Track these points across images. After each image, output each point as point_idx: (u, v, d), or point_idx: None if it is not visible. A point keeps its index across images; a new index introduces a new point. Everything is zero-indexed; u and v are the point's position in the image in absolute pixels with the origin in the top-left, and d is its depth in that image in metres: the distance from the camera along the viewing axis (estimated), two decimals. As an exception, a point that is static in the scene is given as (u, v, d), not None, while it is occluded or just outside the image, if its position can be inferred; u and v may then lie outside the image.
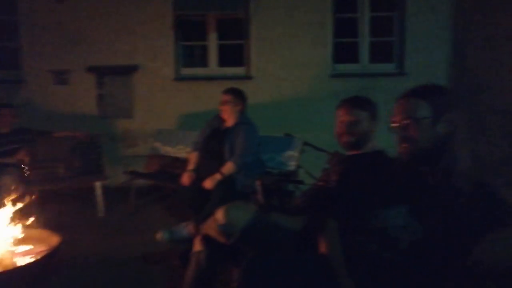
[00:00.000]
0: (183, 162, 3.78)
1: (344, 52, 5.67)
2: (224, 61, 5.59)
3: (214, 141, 3.40)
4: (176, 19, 5.33)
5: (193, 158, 3.48)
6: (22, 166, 3.65)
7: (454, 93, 1.58)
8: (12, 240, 2.18)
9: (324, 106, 5.49)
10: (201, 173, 3.31)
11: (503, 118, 4.46)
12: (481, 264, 1.33)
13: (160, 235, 3.12)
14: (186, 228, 3.09)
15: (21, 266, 2.02)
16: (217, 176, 3.15)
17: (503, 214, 1.35)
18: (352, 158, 1.98)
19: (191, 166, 3.43)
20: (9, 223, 2.22)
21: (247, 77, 5.43)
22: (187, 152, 3.95)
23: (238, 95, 3.55)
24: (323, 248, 1.54)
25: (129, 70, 5.32)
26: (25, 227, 2.28)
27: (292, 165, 3.60)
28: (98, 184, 4.08)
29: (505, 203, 1.37)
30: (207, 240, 1.84)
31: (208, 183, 3.14)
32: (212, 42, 5.49)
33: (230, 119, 3.47)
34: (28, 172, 3.67)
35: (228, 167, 3.20)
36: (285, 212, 1.92)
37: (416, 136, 1.44)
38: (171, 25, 5.30)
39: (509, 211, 1.35)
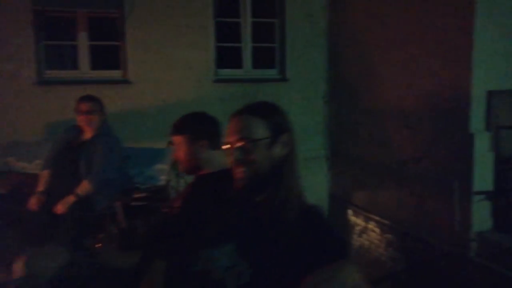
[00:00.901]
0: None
1: (227, 57, 5.60)
2: (98, 64, 5.11)
3: (69, 157, 3.01)
4: (36, 14, 4.69)
5: (43, 177, 3.04)
6: None
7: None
8: None
9: (208, 112, 5.35)
10: (52, 195, 2.90)
11: (369, 118, 4.81)
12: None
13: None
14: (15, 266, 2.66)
15: None
16: (71, 199, 2.78)
17: (332, 246, 1.24)
18: (197, 179, 1.82)
19: (40, 187, 2.99)
20: None
21: (125, 81, 5.03)
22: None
23: (99, 103, 3.20)
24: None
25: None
26: None
27: (162, 180, 3.37)
28: None
29: (334, 232, 1.31)
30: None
31: (60, 208, 2.76)
32: (83, 43, 4.96)
33: (89, 131, 3.10)
34: None
35: (84, 187, 2.85)
36: (116, 248, 1.68)
37: (252, 160, 1.30)
38: (29, 22, 4.65)
39: (339, 242, 1.29)
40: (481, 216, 3.52)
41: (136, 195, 3.02)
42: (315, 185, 5.97)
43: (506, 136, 3.45)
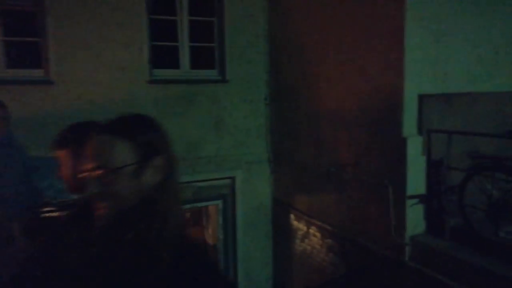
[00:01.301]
0: None
1: (163, 56, 5.30)
2: (16, 62, 4.61)
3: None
4: None
5: None
6: None
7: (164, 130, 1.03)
8: None
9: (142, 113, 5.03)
10: None
11: (309, 121, 4.73)
12: None
13: None
14: None
15: None
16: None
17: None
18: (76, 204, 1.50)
19: None
20: None
21: (46, 81, 4.58)
22: None
23: (4, 107, 2.81)
24: None
25: None
26: None
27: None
28: None
29: (220, 276, 1.11)
30: None
31: None
32: (-4, 38, 4.45)
33: (-13, 141, 2.71)
34: None
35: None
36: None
37: (114, 193, 1.04)
38: None
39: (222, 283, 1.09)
40: (415, 219, 3.52)
41: (45, 211, 2.66)
42: (258, 189, 5.82)
43: (437, 140, 3.47)
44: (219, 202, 5.78)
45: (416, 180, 3.49)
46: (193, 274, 1.02)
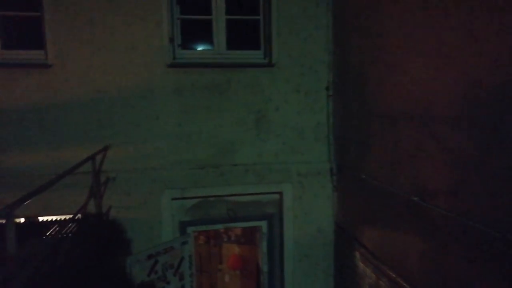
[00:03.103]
0: None
1: (190, 33, 4.13)
2: (15, 42, 3.86)
3: None
4: None
5: None
6: None
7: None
8: None
9: (161, 107, 3.93)
10: None
11: (385, 123, 3.10)
12: None
13: None
14: None
15: None
16: None
17: None
18: None
19: None
20: None
21: (43, 65, 3.73)
22: None
23: None
24: None
25: None
26: None
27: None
28: None
29: None
30: None
31: None
32: (-10, 14, 3.74)
33: None
34: None
35: None
36: None
37: None
38: None
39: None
40: None
41: None
42: (315, 210, 4.32)
43: None
44: (263, 224, 4.42)
45: None
46: None
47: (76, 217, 3.43)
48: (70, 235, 3.21)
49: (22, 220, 3.64)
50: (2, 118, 3.66)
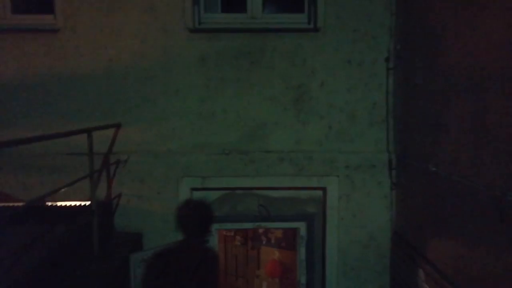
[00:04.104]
0: None
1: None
2: (24, 6, 3.49)
3: None
4: None
5: None
6: None
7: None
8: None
9: (181, 79, 3.33)
10: None
11: (466, 103, 2.18)
12: None
13: None
14: None
15: None
16: None
17: None
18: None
19: None
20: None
21: (52, 30, 3.29)
22: None
23: None
24: None
25: None
26: None
27: None
28: None
29: None
30: None
31: None
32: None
33: None
34: None
35: None
36: None
37: None
38: None
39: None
40: None
41: None
42: (367, 212, 3.46)
43: None
44: (301, 225, 3.64)
45: None
46: None
47: (77, 204, 2.93)
48: (67, 224, 2.70)
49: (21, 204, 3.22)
50: (8, 88, 3.27)
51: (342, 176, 3.43)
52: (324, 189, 3.48)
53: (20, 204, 3.18)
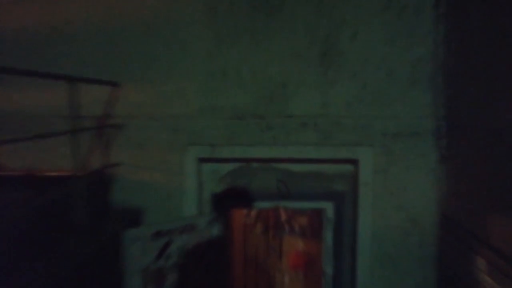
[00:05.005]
0: None
1: None
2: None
3: None
4: None
5: None
6: None
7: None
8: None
9: (188, 31, 2.86)
10: None
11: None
12: None
13: None
14: None
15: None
16: None
17: None
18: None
19: None
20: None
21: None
22: None
23: None
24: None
25: None
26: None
27: None
28: None
29: None
30: None
31: None
32: None
33: None
34: None
35: None
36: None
37: None
38: None
39: None
40: None
41: None
42: (408, 190, 2.87)
43: None
44: (328, 206, 3.09)
45: None
46: None
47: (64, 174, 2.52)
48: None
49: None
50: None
51: (377, 147, 2.85)
52: (355, 162, 2.92)
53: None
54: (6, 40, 2.87)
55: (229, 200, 3.06)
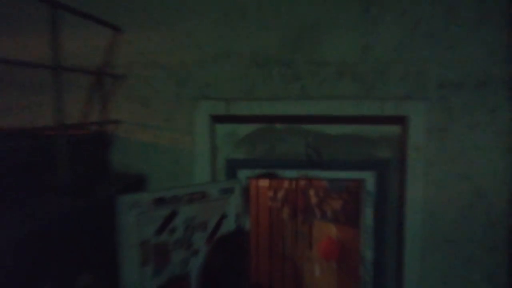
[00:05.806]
0: None
1: None
2: None
3: None
4: None
5: None
6: None
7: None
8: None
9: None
10: None
11: None
12: None
13: None
14: None
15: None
16: None
17: None
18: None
19: None
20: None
21: None
22: None
23: None
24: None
25: None
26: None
27: None
28: None
29: None
30: None
31: None
32: None
33: None
34: None
35: None
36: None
37: None
38: None
39: None
40: None
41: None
42: (474, 154, 2.28)
43: None
44: (368, 176, 2.54)
45: None
46: None
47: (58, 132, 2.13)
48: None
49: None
50: None
51: (433, 100, 2.28)
52: (404, 120, 2.35)
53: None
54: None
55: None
